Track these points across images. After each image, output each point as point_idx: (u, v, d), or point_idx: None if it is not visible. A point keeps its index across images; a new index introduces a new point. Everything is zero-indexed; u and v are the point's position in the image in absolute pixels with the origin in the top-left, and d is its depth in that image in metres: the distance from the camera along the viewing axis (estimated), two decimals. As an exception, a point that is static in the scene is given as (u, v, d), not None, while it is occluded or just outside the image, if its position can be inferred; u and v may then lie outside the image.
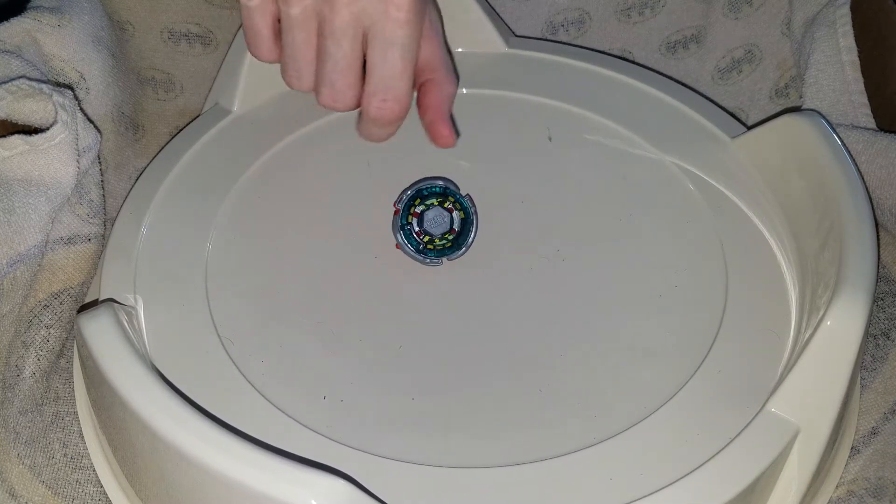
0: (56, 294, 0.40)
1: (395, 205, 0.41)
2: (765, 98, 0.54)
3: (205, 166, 0.45)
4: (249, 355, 0.37)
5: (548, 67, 0.50)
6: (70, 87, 0.44)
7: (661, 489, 0.32)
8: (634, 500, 0.32)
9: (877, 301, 0.43)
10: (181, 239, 0.41)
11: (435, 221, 0.41)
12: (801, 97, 0.49)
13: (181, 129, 0.47)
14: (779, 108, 0.53)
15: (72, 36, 0.43)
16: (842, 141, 0.40)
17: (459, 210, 0.41)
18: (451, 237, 0.41)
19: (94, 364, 0.34)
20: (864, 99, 0.46)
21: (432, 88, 0.42)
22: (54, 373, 0.41)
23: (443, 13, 0.45)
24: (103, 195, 0.44)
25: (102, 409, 0.37)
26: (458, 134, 0.43)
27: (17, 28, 0.41)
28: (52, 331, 0.40)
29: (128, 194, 0.43)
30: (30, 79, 0.39)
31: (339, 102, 0.40)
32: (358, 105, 0.40)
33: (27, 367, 0.39)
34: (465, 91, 0.49)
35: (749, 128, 0.45)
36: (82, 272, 0.41)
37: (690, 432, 0.35)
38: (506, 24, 0.53)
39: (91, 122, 0.43)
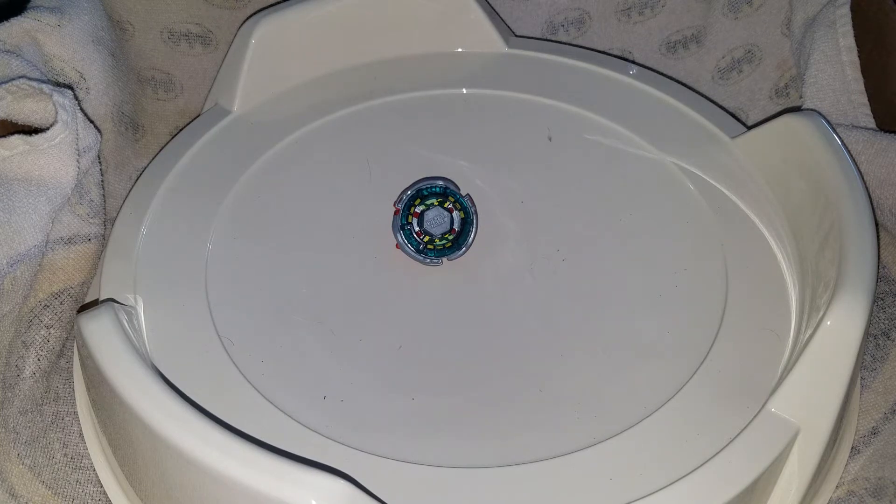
0: (56, 294, 0.40)
1: (395, 205, 0.41)
2: (765, 98, 0.54)
3: (205, 166, 0.45)
4: (249, 355, 0.37)
5: (548, 67, 0.50)
6: (70, 87, 0.44)
7: (661, 489, 0.32)
8: (634, 500, 0.32)
9: (877, 301, 0.43)
10: (181, 239, 0.41)
11: (435, 221, 0.41)
12: (801, 97, 0.49)
13: (181, 129, 0.47)
14: (779, 108, 0.53)
15: (72, 36, 0.43)
16: (842, 141, 0.40)
17: (459, 210, 0.41)
18: (451, 237, 0.41)
19: (94, 364, 0.34)
20: (864, 99, 0.46)
21: None
22: (54, 373, 0.41)
23: (443, 13, 0.45)
24: (103, 195, 0.44)
25: (102, 409, 0.37)
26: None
27: (17, 28, 0.41)
28: (52, 331, 0.40)
29: (128, 194, 0.43)
30: (30, 79, 0.39)
31: None
32: None
33: (27, 367, 0.39)
34: (465, 91, 0.49)
35: (749, 128, 0.45)
36: (82, 272, 0.41)
37: (690, 432, 0.35)
38: (506, 24, 0.53)
39: (91, 122, 0.43)
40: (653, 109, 0.47)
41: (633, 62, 0.54)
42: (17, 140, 0.37)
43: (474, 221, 0.41)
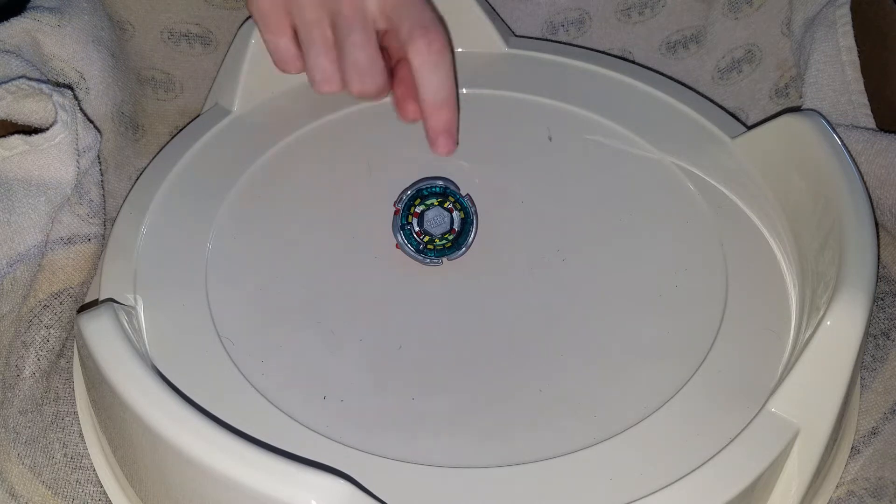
0: (56, 294, 0.40)
1: (395, 205, 0.41)
2: (765, 98, 0.54)
3: (205, 166, 0.45)
4: (249, 355, 0.37)
5: (548, 67, 0.50)
6: (70, 87, 0.44)
7: (661, 489, 0.32)
8: (634, 500, 0.32)
9: (877, 301, 0.43)
10: (181, 239, 0.41)
11: (435, 221, 0.41)
12: (801, 97, 0.49)
13: (181, 129, 0.47)
14: (779, 108, 0.53)
15: (72, 36, 0.43)
16: (842, 141, 0.40)
17: (459, 210, 0.41)
18: (451, 237, 0.41)
19: (94, 364, 0.34)
20: (864, 99, 0.46)
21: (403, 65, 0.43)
22: (54, 373, 0.41)
23: (443, 13, 0.45)
24: (103, 195, 0.44)
25: (102, 409, 0.37)
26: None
27: (17, 28, 0.41)
28: (52, 331, 0.40)
29: (128, 194, 0.43)
30: (30, 79, 0.39)
31: (368, 87, 0.42)
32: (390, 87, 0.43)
33: (27, 367, 0.39)
34: (465, 91, 0.49)
35: (749, 128, 0.45)
36: (82, 272, 0.41)
37: (690, 432, 0.35)
38: (506, 24, 0.53)
39: (91, 122, 0.43)
40: (653, 109, 0.47)
41: (633, 62, 0.54)
42: (17, 140, 0.37)
43: (474, 221, 0.41)
